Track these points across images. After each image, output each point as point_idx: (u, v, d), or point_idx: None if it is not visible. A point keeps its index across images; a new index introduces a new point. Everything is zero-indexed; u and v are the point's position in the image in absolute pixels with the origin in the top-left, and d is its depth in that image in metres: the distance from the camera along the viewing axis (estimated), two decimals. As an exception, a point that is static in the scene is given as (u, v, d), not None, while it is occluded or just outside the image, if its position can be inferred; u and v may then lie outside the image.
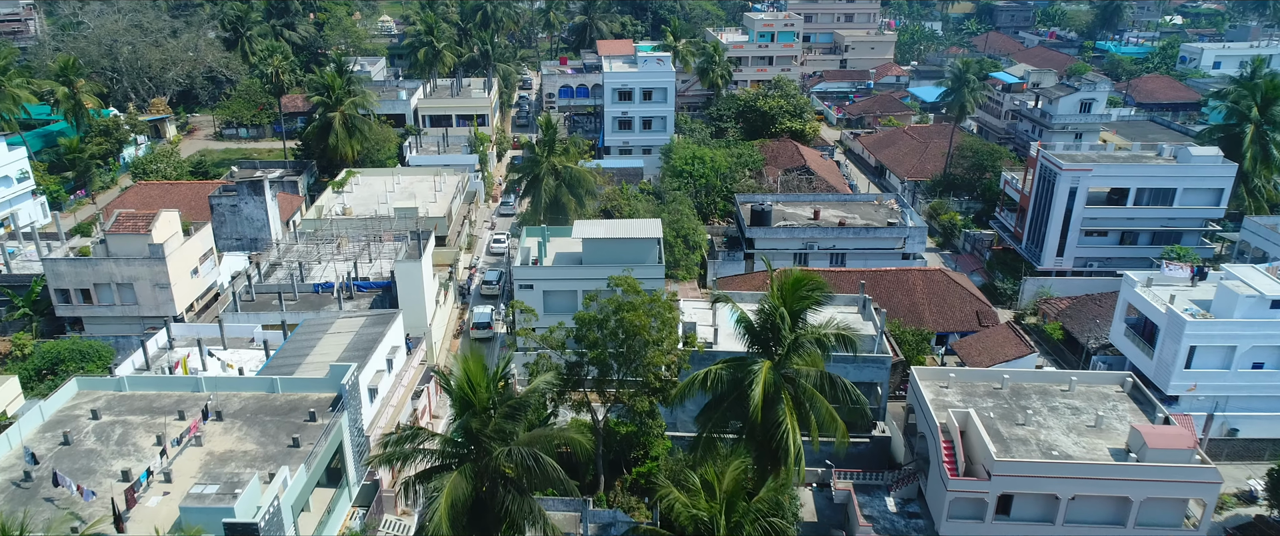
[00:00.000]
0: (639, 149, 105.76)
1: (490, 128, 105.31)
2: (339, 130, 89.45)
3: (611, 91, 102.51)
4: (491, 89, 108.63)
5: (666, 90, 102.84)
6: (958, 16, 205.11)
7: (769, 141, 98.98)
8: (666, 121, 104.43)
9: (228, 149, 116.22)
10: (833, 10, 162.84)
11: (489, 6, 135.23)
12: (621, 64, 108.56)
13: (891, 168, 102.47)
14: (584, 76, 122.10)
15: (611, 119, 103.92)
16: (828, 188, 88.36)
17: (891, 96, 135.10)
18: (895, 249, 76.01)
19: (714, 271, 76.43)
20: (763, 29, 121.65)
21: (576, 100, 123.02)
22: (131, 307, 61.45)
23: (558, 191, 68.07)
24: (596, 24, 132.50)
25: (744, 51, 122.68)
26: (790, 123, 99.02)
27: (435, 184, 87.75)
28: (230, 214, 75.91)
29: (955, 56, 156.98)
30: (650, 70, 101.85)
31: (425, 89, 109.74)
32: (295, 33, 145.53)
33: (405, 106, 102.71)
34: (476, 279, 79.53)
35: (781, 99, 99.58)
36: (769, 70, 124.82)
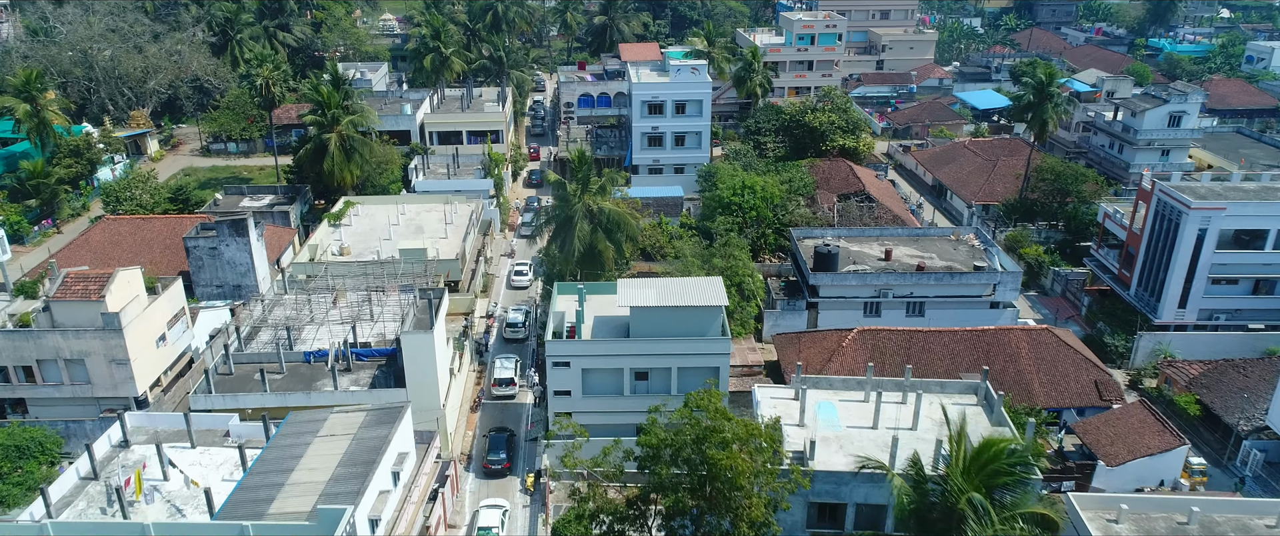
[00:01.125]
0: (670, 167, 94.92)
1: (505, 144, 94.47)
2: (335, 154, 78.67)
3: (640, 104, 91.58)
4: (506, 101, 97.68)
5: (702, 103, 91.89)
6: (993, 11, 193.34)
7: (819, 161, 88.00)
8: (701, 137, 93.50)
9: (215, 166, 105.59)
10: (867, 6, 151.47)
11: (500, 6, 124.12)
12: (650, 72, 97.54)
13: (954, 189, 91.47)
14: (605, 84, 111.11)
15: (640, 135, 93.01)
16: (893, 218, 77.43)
17: (939, 102, 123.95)
18: (983, 297, 65.20)
19: (772, 324, 65.71)
20: (802, 31, 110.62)
21: (597, 110, 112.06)
22: (83, 387, 50.89)
23: (593, 237, 57.31)
24: (617, 25, 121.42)
25: (781, 56, 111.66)
26: (842, 140, 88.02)
27: (445, 214, 77.09)
28: (209, 257, 65.29)
29: (1000, 56, 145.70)
30: (684, 80, 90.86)
31: (432, 101, 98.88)
32: (290, 34, 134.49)
33: (410, 122, 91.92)
34: (494, 333, 68.87)
35: (833, 113, 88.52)
36: (808, 76, 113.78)
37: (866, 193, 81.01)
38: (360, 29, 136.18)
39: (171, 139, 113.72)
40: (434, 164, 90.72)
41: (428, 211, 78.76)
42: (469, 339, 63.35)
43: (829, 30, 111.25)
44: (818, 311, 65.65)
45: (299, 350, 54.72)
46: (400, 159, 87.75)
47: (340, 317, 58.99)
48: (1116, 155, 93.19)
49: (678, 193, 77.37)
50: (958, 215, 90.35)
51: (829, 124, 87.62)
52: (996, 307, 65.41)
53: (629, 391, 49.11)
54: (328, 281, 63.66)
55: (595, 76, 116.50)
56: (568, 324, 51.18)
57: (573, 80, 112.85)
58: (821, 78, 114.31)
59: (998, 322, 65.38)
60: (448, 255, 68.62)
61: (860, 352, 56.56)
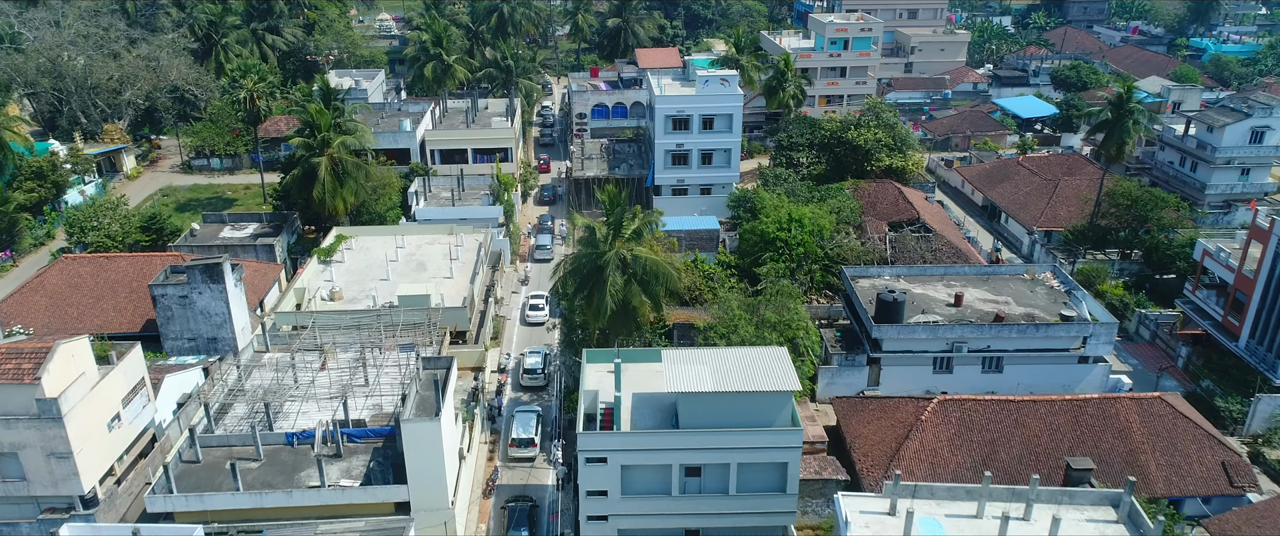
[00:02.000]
0: (695, 188, 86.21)
1: (514, 161, 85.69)
2: (326, 180, 69.90)
3: (663, 118, 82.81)
4: (514, 114, 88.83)
5: (733, 117, 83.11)
6: (1019, 9, 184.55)
7: (863, 183, 79.38)
8: (731, 155, 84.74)
9: (196, 185, 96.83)
10: (894, 5, 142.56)
11: (506, 8, 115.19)
12: (673, 83, 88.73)
13: (1011, 212, 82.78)
14: (621, 93, 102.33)
15: (663, 152, 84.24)
16: (954, 254, 68.76)
17: (977, 111, 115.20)
18: (1071, 350, 56.61)
19: (827, 382, 57.17)
20: (835, 35, 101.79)
21: (613, 121, 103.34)
22: (17, 484, 42.24)
23: (627, 291, 48.66)
24: (632, 27, 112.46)
25: (812, 62, 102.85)
26: (889, 159, 79.28)
27: (449, 248, 68.50)
28: (180, 308, 56.62)
29: (1035, 58, 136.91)
30: (712, 92, 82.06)
31: (434, 114, 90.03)
32: (280, 37, 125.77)
33: (410, 139, 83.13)
34: (506, 391, 60.32)
35: (878, 130, 79.75)
36: (841, 83, 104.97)
37: (922, 221, 72.32)
38: (355, 31, 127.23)
39: (151, 154, 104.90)
40: (436, 186, 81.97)
41: (430, 244, 70.12)
42: (480, 402, 54.74)
43: (864, 34, 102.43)
44: (880, 368, 57.07)
45: (280, 430, 46.12)
46: (399, 182, 78.99)
47: (329, 384, 50.33)
48: (1189, 174, 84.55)
49: (712, 225, 68.61)
50: (1015, 242, 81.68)
51: (874, 142, 78.85)
52: (1085, 362, 56.90)
53: (678, 491, 40.59)
54: (315, 336, 54.97)
55: (609, 84, 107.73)
56: (602, 404, 42.57)
57: (585, 89, 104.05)
58: (856, 85, 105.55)
59: (1087, 379, 57.16)
60: (453, 301, 60.00)
61: (943, 428, 48.00)
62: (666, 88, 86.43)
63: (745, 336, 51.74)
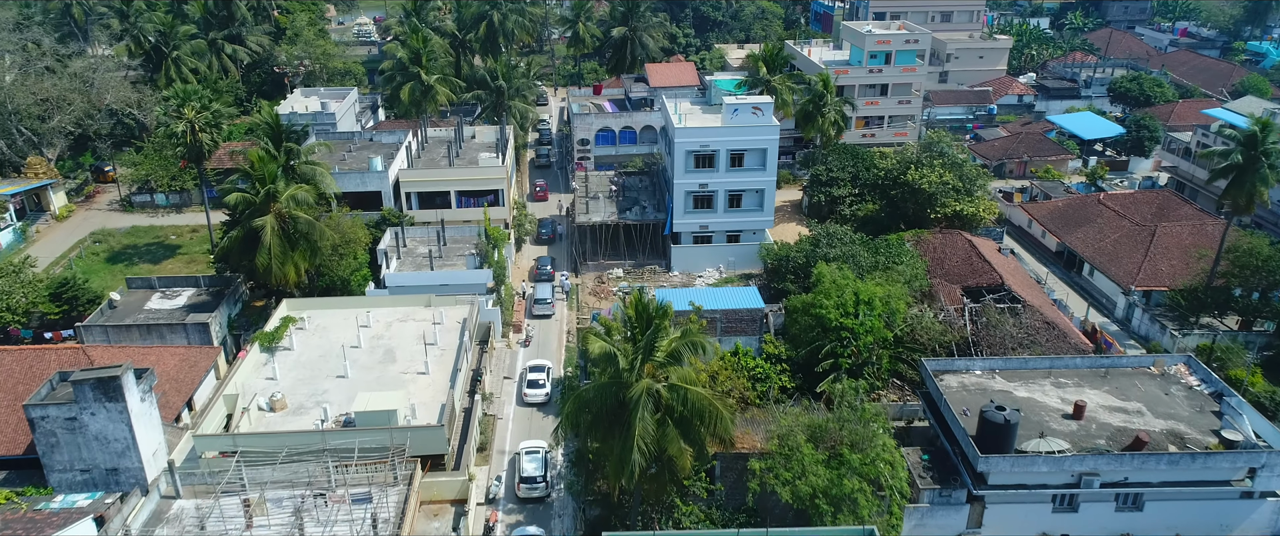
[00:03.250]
0: (721, 234, 72.79)
1: (506, 204, 72.09)
2: (272, 243, 56.26)
3: (685, 154, 69.30)
4: (505, 149, 75.10)
5: (767, 153, 69.65)
6: (1053, 7, 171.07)
7: (927, 234, 66.05)
8: (763, 197, 71.31)
9: (135, 226, 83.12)
10: (925, 7, 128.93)
11: (496, 15, 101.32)
12: (693, 109, 75.23)
13: (1099, 265, 69.47)
14: (629, 117, 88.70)
15: (683, 194, 70.78)
16: (1052, 334, 55.33)
17: (1031, 130, 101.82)
18: (1232, 483, 43.42)
19: (916, 524, 43.87)
20: (876, 48, 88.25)
21: (620, 148, 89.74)
22: None
23: (662, 436, 35.23)
24: (639, 38, 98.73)
25: (849, 78, 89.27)
26: (958, 205, 65.87)
27: (427, 327, 55.13)
28: (67, 433, 43.12)
29: (1084, 66, 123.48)
30: (742, 123, 68.58)
31: (411, 147, 76.31)
32: (244, 47, 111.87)
33: (381, 180, 69.49)
34: (498, 530, 47.05)
35: (945, 170, 66.28)
36: (881, 102, 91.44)
37: (1006, 287, 58.94)
38: (327, 41, 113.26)
39: (88, 188, 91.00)
40: (413, 239, 68.35)
41: (402, 321, 56.65)
42: (461, 564, 41.39)
43: (908, 47, 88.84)
44: (984, 507, 43.81)
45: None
46: (367, 235, 65.37)
47: (254, 558, 36.96)
48: (1306, 217, 71.38)
49: (754, 301, 54.88)
50: (1105, 302, 68.42)
51: (939, 186, 65.39)
52: (1250, 497, 43.73)
53: None
54: (241, 475, 41.52)
55: (615, 104, 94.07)
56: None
57: (588, 111, 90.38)
58: (898, 105, 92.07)
59: (1252, 517, 44.00)
60: (426, 413, 46.63)
61: (1100, 629, 34.72)
62: (687, 116, 72.88)
63: (815, 484, 38.50)
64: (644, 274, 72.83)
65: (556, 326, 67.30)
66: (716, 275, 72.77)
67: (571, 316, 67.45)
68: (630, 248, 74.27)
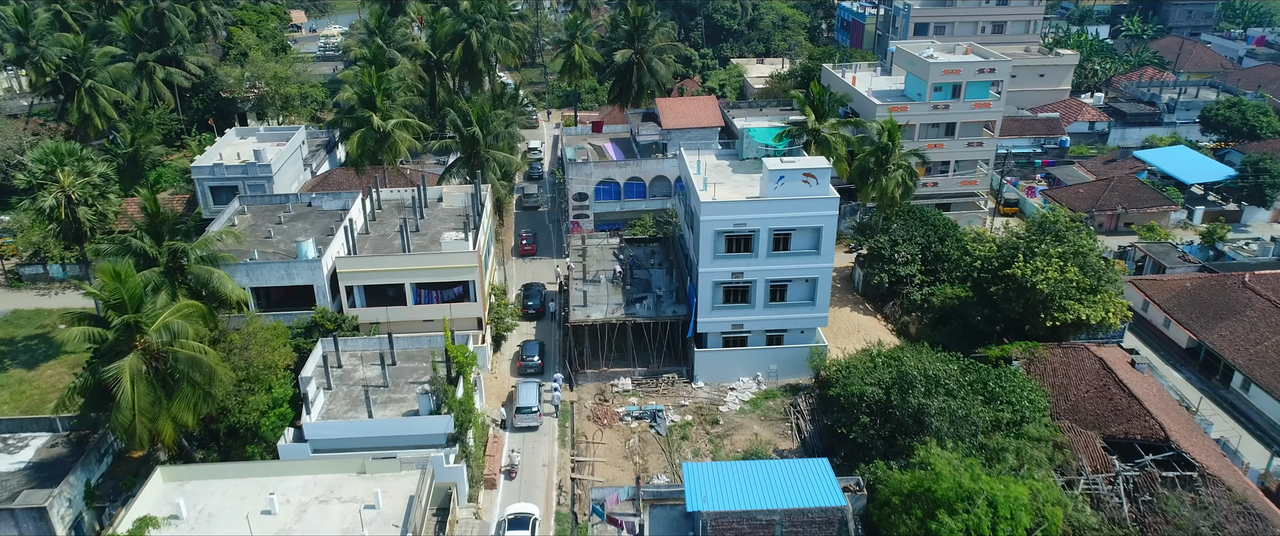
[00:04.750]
0: (759, 335, 55.91)
1: (478, 298, 55.09)
2: (136, 396, 39.34)
3: (713, 236, 52.32)
4: (480, 226, 57.97)
5: (821, 233, 52.63)
6: (1104, 9, 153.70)
7: (1043, 351, 49.13)
8: (817, 288, 54.36)
9: (18, 310, 66.29)
10: (973, 17, 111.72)
11: (474, 35, 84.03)
12: (721, 168, 58.34)
13: (1260, 380, 52.45)
14: (638, 166, 71.64)
15: (711, 285, 53.86)
16: (1248, 528, 38.45)
17: (1120, 171, 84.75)
18: None
19: None
20: (942, 79, 71.03)
21: (626, 203, 72.75)
22: None
23: None
24: (649, 63, 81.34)
25: (908, 115, 72.06)
26: (1083, 309, 48.78)
27: (359, 511, 38.46)
28: None
29: (1160, 85, 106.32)
30: (791, 195, 51.64)
31: (352, 226, 59.23)
32: (181, 71, 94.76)
33: (313, 271, 52.52)
34: None
35: (1069, 264, 49.01)
36: (947, 144, 74.25)
37: (1173, 445, 42.03)
38: (282, 62, 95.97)
39: (-31, 254, 73.97)
40: (352, 355, 51.30)
41: (323, 501, 39.97)
42: None
43: (982, 77, 71.62)
44: None
45: None
46: (290, 354, 48.50)
47: None
48: None
49: (828, 493, 37.56)
50: (1273, 433, 51.45)
51: (1062, 285, 48.30)
52: None
53: None
54: None
55: (619, 146, 76.99)
56: None
57: (585, 157, 73.27)
58: (967, 148, 74.92)
59: None
60: None
61: None
62: (713, 178, 55.90)
63: None
64: (659, 387, 55.98)
65: (545, 445, 50.85)
66: (754, 387, 55.99)
67: (564, 454, 50.67)
68: (641, 348, 57.42)
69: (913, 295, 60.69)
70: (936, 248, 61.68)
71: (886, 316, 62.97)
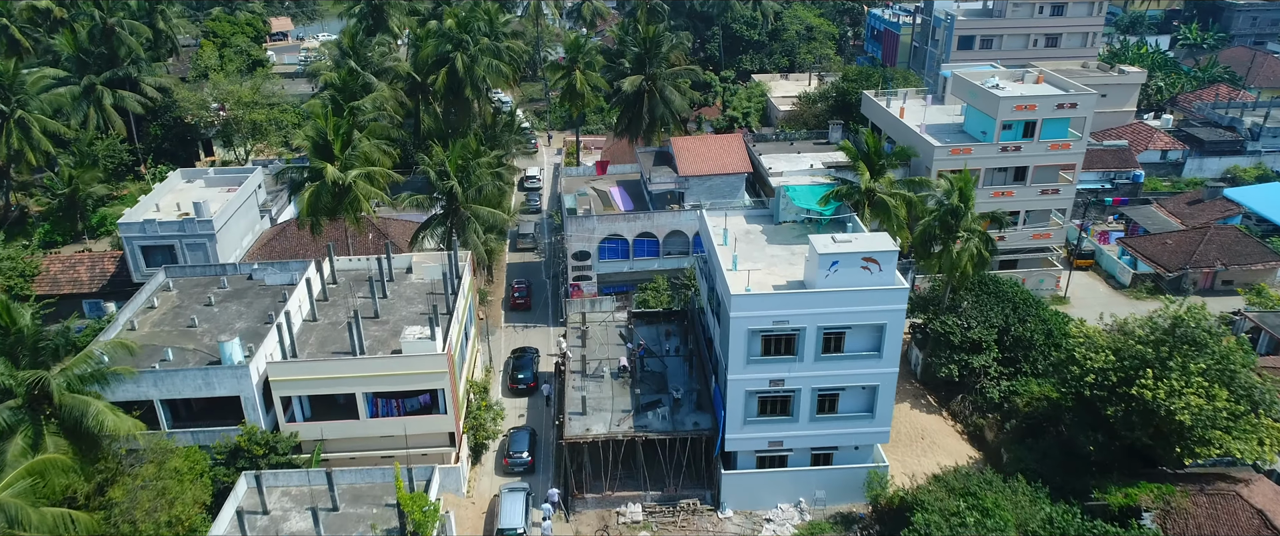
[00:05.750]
0: (803, 453, 44.50)
1: (449, 408, 43.88)
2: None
3: (745, 335, 40.96)
4: (453, 314, 46.68)
5: (884, 332, 41.17)
6: (1156, 15, 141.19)
7: (1183, 499, 37.60)
8: (877, 397, 42.93)
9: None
10: (1025, 29, 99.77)
11: (460, 58, 72.69)
12: (753, 237, 46.97)
13: None
14: (649, 220, 60.23)
15: (743, 395, 42.49)
16: None
17: (1210, 216, 72.90)
18: None
19: None
20: (1014, 116, 59.13)
21: (636, 263, 61.43)
22: None
23: None
24: (661, 91, 69.54)
25: (973, 158, 60.24)
26: (1236, 443, 37.17)
27: None
28: None
29: (1239, 104, 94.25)
30: (846, 286, 40.19)
31: (302, 304, 48.00)
32: (136, 94, 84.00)
33: (240, 380, 41.35)
34: None
35: (1215, 387, 37.38)
36: (1017, 193, 62.47)
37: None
38: (250, 85, 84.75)
39: None
40: (286, 494, 40.10)
41: None
42: None
43: (1062, 113, 59.80)
44: None
45: None
46: (206, 490, 37.47)
47: None
48: None
49: None
50: None
51: (1207, 415, 36.65)
52: None
53: None
54: None
55: (626, 192, 65.62)
56: None
57: (587, 207, 61.81)
58: (1041, 196, 63.11)
59: None
60: None
61: None
62: (747, 255, 44.55)
63: None
64: (677, 516, 44.73)
65: None
66: (796, 517, 44.69)
67: (557, 620, 39.51)
68: (654, 463, 46.09)
69: (989, 391, 49.24)
70: (1016, 330, 50.16)
71: (955, 414, 51.51)
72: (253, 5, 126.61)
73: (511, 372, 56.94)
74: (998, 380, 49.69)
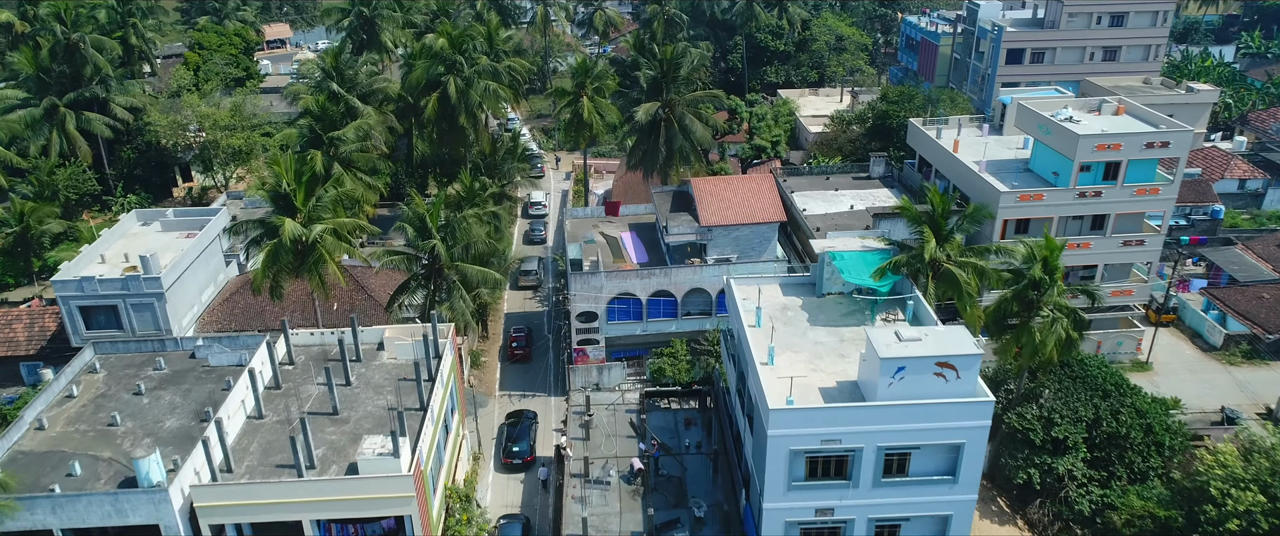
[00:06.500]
0: (854, 585, 35.99)
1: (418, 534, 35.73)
2: None
3: (786, 458, 32.51)
4: (428, 412, 38.45)
5: (961, 453, 32.66)
6: (1211, 21, 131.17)
7: None
8: (949, 528, 34.31)
9: None
10: (1080, 42, 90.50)
11: (454, 83, 64.40)
12: (789, 317, 38.50)
13: None
14: (666, 276, 51.78)
15: (782, 525, 34.06)
16: None
17: (1307, 261, 63.75)
18: None
19: None
20: (1094, 157, 49.95)
21: (650, 325, 53.06)
22: None
23: None
24: (681, 120, 60.71)
25: (1046, 205, 51.27)
26: None
27: None
28: None
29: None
30: (913, 396, 31.67)
31: (245, 399, 39.87)
32: (105, 116, 76.62)
33: (158, 504, 33.26)
34: None
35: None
36: (1095, 244, 53.51)
37: None
38: (222, 111, 76.81)
39: None
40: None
41: None
42: None
43: (1151, 152, 50.90)
44: None
45: None
46: None
47: None
48: None
49: None
50: None
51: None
52: None
53: None
54: None
55: (640, 239, 57.18)
56: None
57: (593, 259, 53.37)
58: (1121, 247, 54.19)
59: None
60: None
61: None
62: (784, 340, 36.12)
63: None
64: None
65: None
66: None
67: None
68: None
69: (1077, 502, 40.60)
70: (1109, 425, 41.48)
71: (1033, 524, 42.86)
72: (244, 14, 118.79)
73: (505, 444, 49.21)
74: (1087, 486, 41.05)
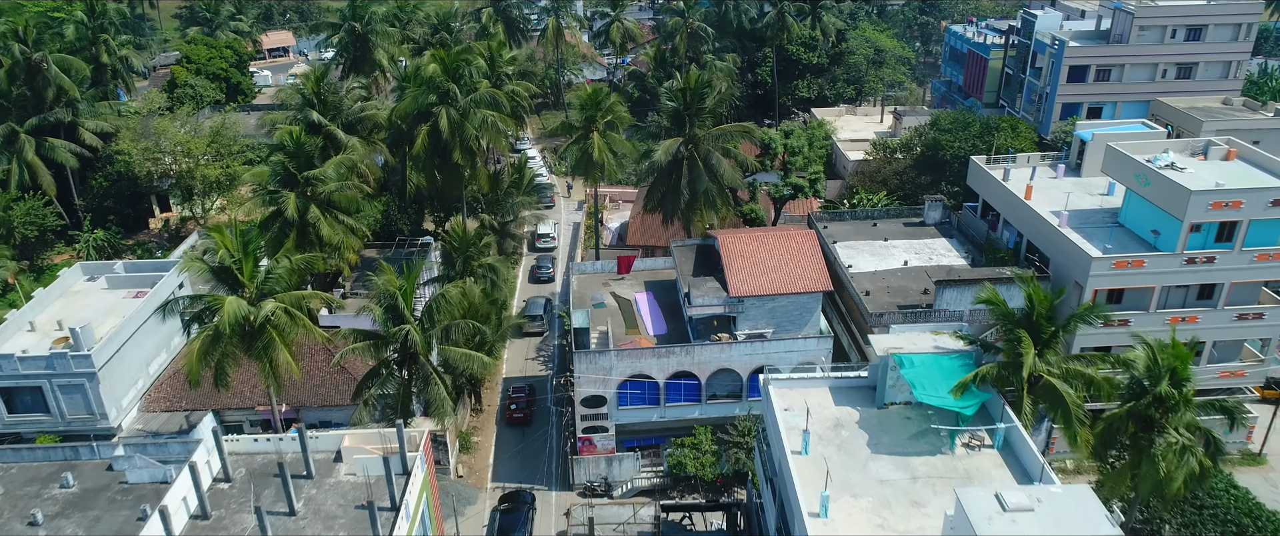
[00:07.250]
0: None
1: None
2: None
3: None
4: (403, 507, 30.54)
5: (1085, 659, 24.25)
6: (1277, 28, 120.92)
7: None
8: None
9: None
10: (1152, 57, 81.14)
11: (446, 115, 56.27)
12: (842, 421, 30.05)
13: None
14: (689, 356, 43.40)
15: None
16: None
17: None
18: None
19: None
20: (1208, 216, 40.76)
21: (668, 411, 44.74)
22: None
23: None
24: (704, 158, 52.00)
25: (1146, 273, 42.36)
26: None
27: None
28: None
29: None
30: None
31: (172, 521, 32.05)
32: (71, 143, 69.70)
33: None
34: None
35: None
36: (1204, 318, 44.55)
37: None
38: (199, 138, 69.27)
39: None
40: None
41: None
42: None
43: (1276, 211, 41.89)
44: None
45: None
46: None
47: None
48: None
49: None
50: None
51: None
52: None
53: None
54: None
55: (657, 301, 48.87)
56: None
57: (602, 338, 45.10)
58: (1236, 322, 45.22)
59: None
60: None
61: None
62: (837, 468, 27.80)
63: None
64: None
65: None
66: None
67: None
68: None
69: None
70: (1247, 569, 32.86)
71: None
72: (240, 24, 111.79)
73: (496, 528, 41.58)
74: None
